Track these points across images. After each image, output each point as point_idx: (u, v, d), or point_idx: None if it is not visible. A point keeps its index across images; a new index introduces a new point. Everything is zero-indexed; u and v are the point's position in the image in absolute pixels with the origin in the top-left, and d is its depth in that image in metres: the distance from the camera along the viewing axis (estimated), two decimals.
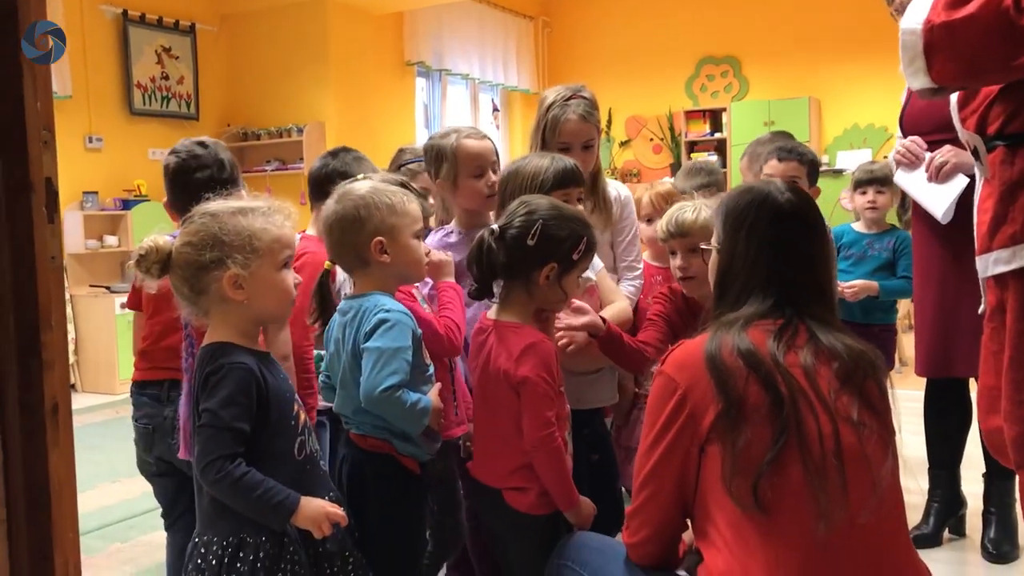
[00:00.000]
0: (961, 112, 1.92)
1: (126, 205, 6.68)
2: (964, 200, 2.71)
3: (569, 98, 2.49)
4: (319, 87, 7.59)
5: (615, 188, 2.65)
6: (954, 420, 3.05)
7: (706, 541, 1.51)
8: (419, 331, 1.89)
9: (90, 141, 6.68)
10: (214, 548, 1.65)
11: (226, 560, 1.64)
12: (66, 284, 5.78)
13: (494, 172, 2.31)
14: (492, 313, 1.96)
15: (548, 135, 2.48)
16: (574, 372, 2.20)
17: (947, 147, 2.79)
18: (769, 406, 1.46)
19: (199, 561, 1.65)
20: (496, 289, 1.96)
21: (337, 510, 1.68)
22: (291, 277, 1.76)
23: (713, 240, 1.71)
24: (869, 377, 1.52)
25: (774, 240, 1.59)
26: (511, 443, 1.85)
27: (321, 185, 2.55)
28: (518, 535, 1.93)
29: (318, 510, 1.65)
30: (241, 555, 1.63)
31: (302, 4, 7.50)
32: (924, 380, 3.10)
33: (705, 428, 1.49)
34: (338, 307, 1.95)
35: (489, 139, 2.38)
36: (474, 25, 9.13)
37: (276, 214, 1.73)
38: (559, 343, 2.09)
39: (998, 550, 2.86)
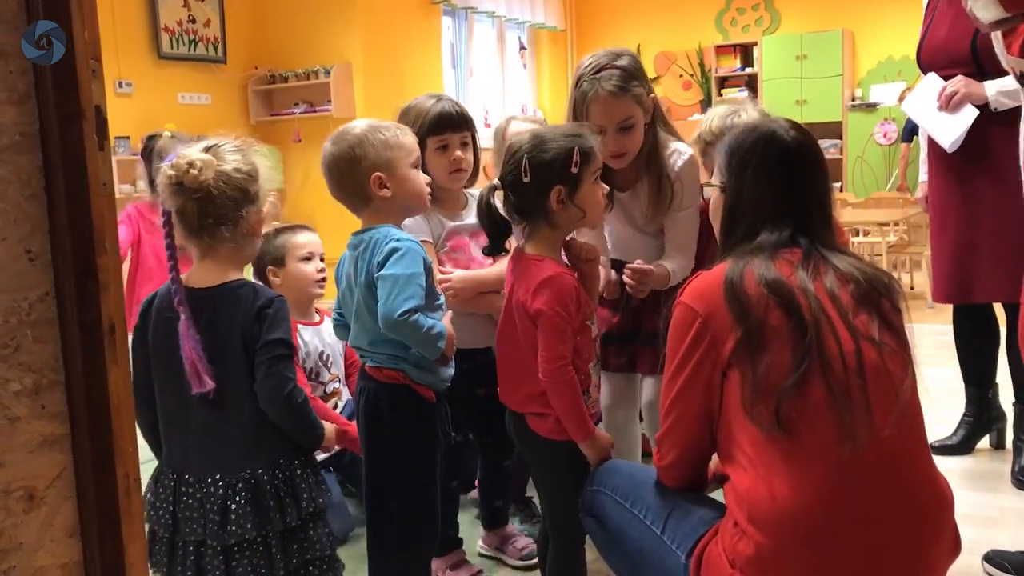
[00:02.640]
0: (1007, 38, 1.90)
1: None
2: (971, 130, 2.77)
3: (600, 69, 2.16)
4: (345, 28, 7.55)
5: (677, 154, 2.32)
6: (981, 340, 3.13)
7: (731, 462, 1.56)
8: (429, 259, 1.95)
9: (120, 86, 6.71)
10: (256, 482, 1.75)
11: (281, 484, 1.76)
12: None
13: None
14: (522, 245, 1.99)
15: (579, 114, 2.19)
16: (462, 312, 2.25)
17: (959, 78, 2.79)
18: (791, 331, 1.50)
19: (240, 499, 1.74)
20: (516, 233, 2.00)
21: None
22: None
23: (715, 179, 1.74)
24: (884, 297, 1.57)
25: (782, 176, 1.63)
26: (531, 370, 1.89)
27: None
28: (542, 458, 1.99)
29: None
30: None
31: None
32: (950, 313, 3.17)
33: (726, 354, 1.54)
34: (348, 243, 2.00)
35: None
36: None
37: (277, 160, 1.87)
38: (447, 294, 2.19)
39: None
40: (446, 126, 2.28)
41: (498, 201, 1.95)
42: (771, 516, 1.46)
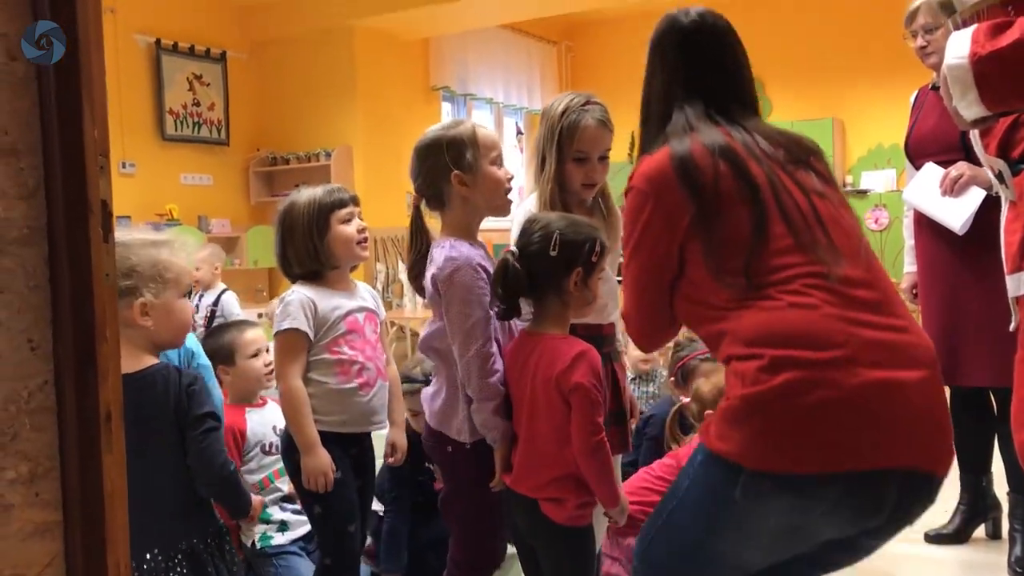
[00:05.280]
0: (984, 138, 1.97)
1: (158, 229, 6.82)
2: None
3: (585, 104, 2.28)
4: (346, 112, 7.72)
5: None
6: (974, 424, 3.09)
7: (721, 324, 1.59)
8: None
9: (124, 167, 6.83)
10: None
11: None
12: None
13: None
14: (531, 327, 2.03)
15: (564, 143, 2.23)
16: None
17: (962, 163, 2.86)
18: (744, 193, 1.59)
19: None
20: (525, 308, 2.03)
21: None
22: (189, 307, 2.06)
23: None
24: (812, 155, 1.69)
25: (683, 57, 1.76)
26: (553, 453, 1.92)
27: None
28: (553, 545, 1.99)
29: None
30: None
31: (331, 31, 7.64)
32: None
33: (683, 229, 1.63)
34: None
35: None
36: (498, 50, 9.25)
37: (180, 249, 2.01)
38: None
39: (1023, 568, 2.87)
40: (347, 200, 2.41)
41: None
42: (780, 328, 1.50)
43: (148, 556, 1.83)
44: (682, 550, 1.64)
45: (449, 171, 2.08)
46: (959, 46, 1.73)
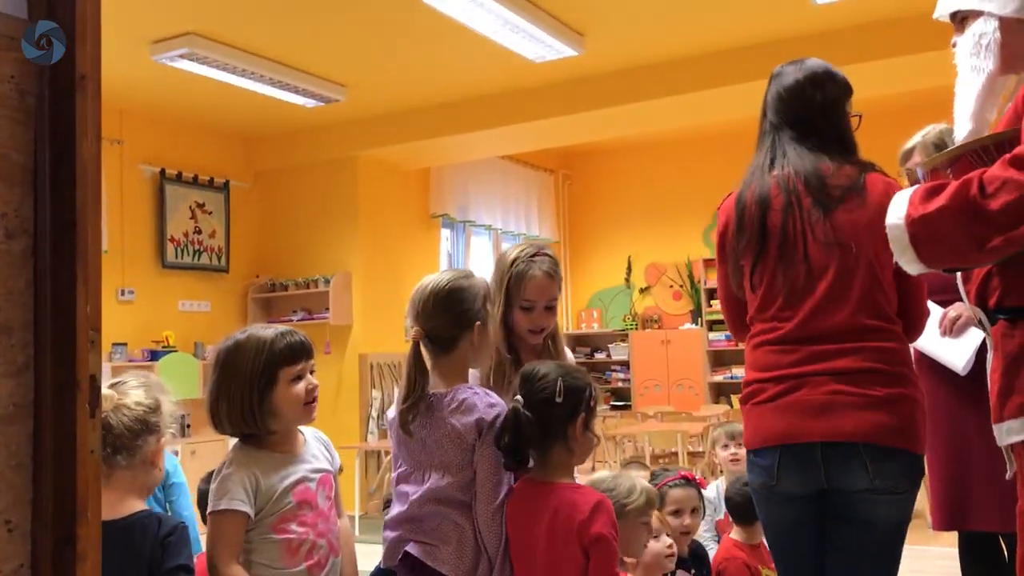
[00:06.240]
0: (965, 285, 1.99)
1: (154, 356, 6.80)
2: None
3: (534, 255, 2.39)
4: (347, 239, 7.82)
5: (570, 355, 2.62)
6: (986, 570, 2.99)
7: None
8: None
9: (122, 294, 6.87)
10: None
11: None
12: None
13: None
14: (535, 476, 2.00)
15: (512, 291, 2.35)
16: None
17: (959, 303, 2.86)
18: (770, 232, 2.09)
19: None
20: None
21: None
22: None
23: None
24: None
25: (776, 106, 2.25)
26: None
27: None
28: None
29: None
30: None
31: (333, 161, 7.82)
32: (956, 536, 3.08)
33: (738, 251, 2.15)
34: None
35: None
36: (497, 179, 9.46)
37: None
38: None
39: None
40: (300, 353, 2.07)
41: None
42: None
43: None
44: None
45: (475, 320, 2.09)
46: (898, 207, 1.78)
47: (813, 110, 2.19)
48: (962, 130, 1.94)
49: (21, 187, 1.10)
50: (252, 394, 1.95)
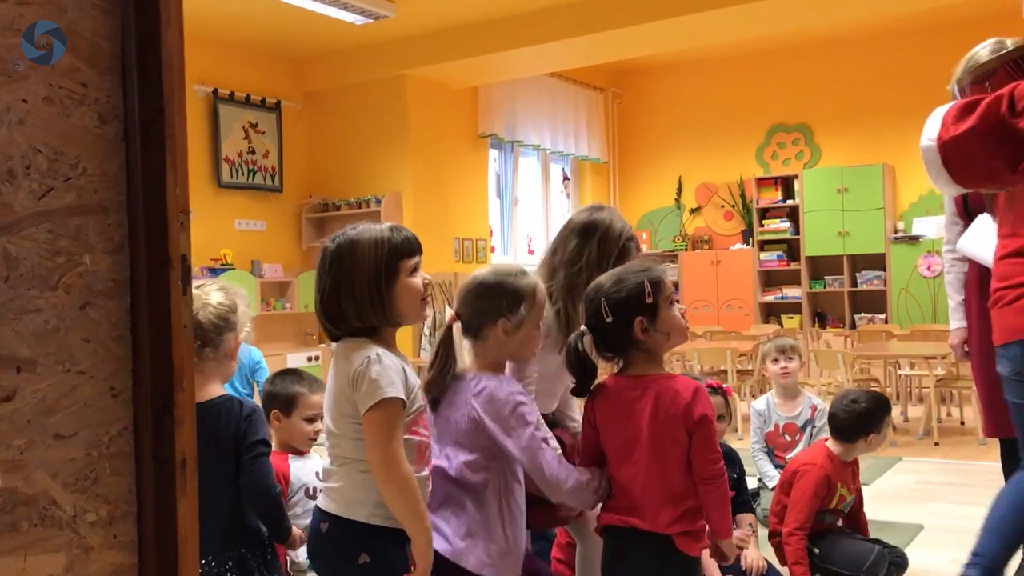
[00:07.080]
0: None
1: (213, 273, 6.97)
2: None
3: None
4: (397, 159, 7.86)
5: None
6: None
7: None
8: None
9: None
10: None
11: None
12: None
13: None
14: (624, 371, 2.10)
15: (616, 262, 2.44)
16: None
17: None
18: None
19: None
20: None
21: None
22: None
23: None
24: None
25: None
26: (676, 488, 1.99)
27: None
28: None
29: None
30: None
31: (383, 81, 7.82)
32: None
33: None
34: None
35: None
36: (545, 98, 9.37)
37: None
38: None
39: None
40: (416, 246, 1.99)
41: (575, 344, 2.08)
42: None
43: (203, 562, 2.05)
44: None
45: (499, 316, 2.09)
46: (932, 127, 1.75)
47: None
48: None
49: (111, 75, 1.15)
50: (377, 286, 1.85)
